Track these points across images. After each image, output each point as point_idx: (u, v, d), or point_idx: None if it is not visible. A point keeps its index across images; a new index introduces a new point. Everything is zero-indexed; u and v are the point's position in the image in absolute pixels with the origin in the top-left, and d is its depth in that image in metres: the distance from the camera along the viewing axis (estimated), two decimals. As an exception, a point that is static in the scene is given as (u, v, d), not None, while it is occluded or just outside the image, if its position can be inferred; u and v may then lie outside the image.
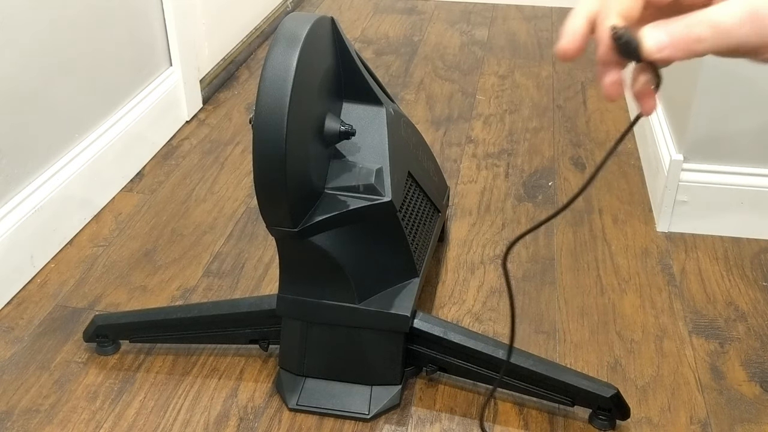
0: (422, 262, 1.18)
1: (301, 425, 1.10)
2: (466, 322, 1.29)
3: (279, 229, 1.00)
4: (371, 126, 1.07)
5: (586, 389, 1.07)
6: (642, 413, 1.12)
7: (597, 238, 1.49)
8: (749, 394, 1.15)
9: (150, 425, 1.10)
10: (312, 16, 0.96)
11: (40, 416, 1.12)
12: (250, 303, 1.17)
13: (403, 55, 2.32)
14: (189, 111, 1.92)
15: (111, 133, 1.61)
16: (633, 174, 1.69)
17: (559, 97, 2.05)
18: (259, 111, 0.92)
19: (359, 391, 1.13)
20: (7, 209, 1.33)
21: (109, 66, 1.60)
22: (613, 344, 1.24)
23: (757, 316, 1.30)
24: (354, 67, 1.06)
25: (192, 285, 1.37)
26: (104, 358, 1.22)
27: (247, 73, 2.20)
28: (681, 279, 1.38)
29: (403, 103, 2.02)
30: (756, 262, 1.43)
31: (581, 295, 1.35)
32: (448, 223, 1.52)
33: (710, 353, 1.23)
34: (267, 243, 1.48)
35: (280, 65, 0.92)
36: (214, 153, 1.79)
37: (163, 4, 1.78)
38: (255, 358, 1.22)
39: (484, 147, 1.81)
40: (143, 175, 1.70)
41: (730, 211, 1.48)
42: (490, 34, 2.48)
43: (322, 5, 2.71)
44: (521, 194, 1.63)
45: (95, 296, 1.35)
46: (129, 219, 1.56)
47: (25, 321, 1.29)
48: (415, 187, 1.20)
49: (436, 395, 1.15)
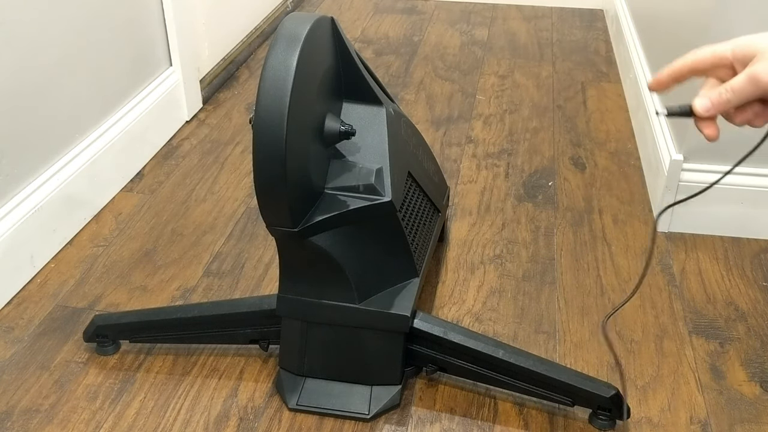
0: (422, 262, 1.18)
1: (301, 425, 1.11)
2: (466, 322, 1.29)
3: (279, 229, 1.00)
4: (371, 126, 1.07)
5: (587, 389, 1.07)
6: (642, 413, 1.12)
7: (597, 238, 1.49)
8: (749, 394, 1.15)
9: (150, 425, 1.10)
10: (312, 16, 0.96)
11: (40, 416, 1.12)
12: (250, 303, 1.17)
13: (403, 55, 2.32)
14: (189, 111, 1.92)
15: (111, 133, 1.61)
16: (633, 174, 1.69)
17: (559, 97, 2.05)
18: (259, 111, 0.92)
19: (359, 391, 1.13)
20: (7, 209, 1.33)
21: (109, 66, 1.60)
22: (613, 344, 1.24)
23: (757, 316, 1.30)
24: (354, 67, 1.06)
25: (192, 285, 1.37)
26: (104, 358, 1.22)
27: (247, 73, 2.20)
28: (681, 279, 1.38)
29: (403, 103, 2.02)
30: (756, 262, 1.43)
31: (581, 295, 1.35)
32: (448, 223, 1.52)
33: (710, 353, 1.23)
34: (267, 243, 1.48)
35: (280, 65, 0.92)
36: (214, 153, 1.79)
37: (163, 4, 1.78)
38: (255, 358, 1.22)
39: (484, 147, 1.81)
40: (143, 175, 1.70)
41: (730, 211, 1.48)
42: (490, 34, 2.48)
43: (322, 5, 2.71)
44: (521, 194, 1.63)
45: (95, 296, 1.35)
46: (129, 219, 1.56)
47: (25, 321, 1.29)
48: (415, 187, 1.20)
49: (436, 395, 1.15)
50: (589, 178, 1.68)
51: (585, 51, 2.35)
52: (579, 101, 2.03)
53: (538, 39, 2.44)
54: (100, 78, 1.58)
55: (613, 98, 2.04)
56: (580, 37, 2.46)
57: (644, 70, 1.85)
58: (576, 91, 2.08)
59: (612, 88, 2.09)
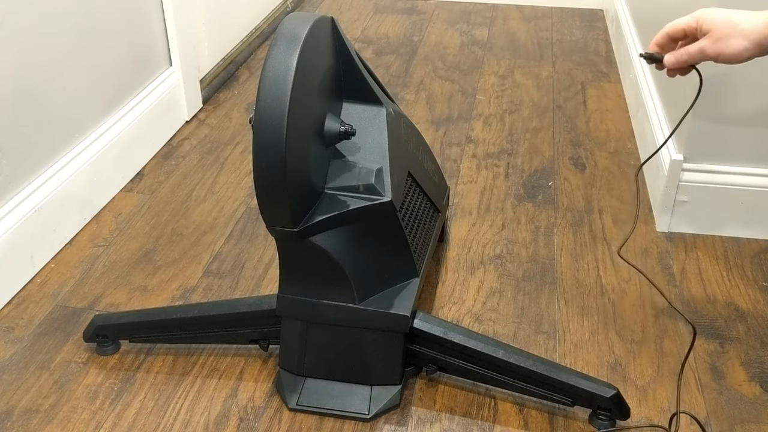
0: (422, 262, 1.18)
1: (301, 425, 1.11)
2: (466, 322, 1.29)
3: (279, 229, 1.00)
4: (371, 126, 1.07)
5: (587, 389, 1.07)
6: (642, 413, 1.12)
7: (597, 238, 1.49)
8: (749, 394, 1.15)
9: (150, 425, 1.10)
10: (312, 16, 0.96)
11: (40, 416, 1.12)
12: (250, 303, 1.17)
13: (403, 55, 2.32)
14: (189, 111, 1.92)
15: (111, 133, 1.61)
16: (633, 174, 1.69)
17: (559, 97, 2.05)
18: (259, 111, 0.92)
19: (359, 391, 1.13)
20: (7, 209, 1.33)
21: (109, 66, 1.60)
22: (613, 344, 1.24)
23: (757, 316, 1.30)
24: (354, 67, 1.06)
25: (192, 285, 1.37)
26: (104, 358, 1.22)
27: (247, 73, 2.20)
28: (681, 279, 1.38)
29: (403, 103, 2.02)
30: (756, 262, 1.43)
31: (581, 295, 1.35)
32: (448, 223, 1.52)
33: (710, 353, 1.23)
34: (267, 243, 1.48)
35: (280, 65, 0.92)
36: (214, 153, 1.79)
37: (163, 4, 1.78)
38: (255, 358, 1.22)
39: (484, 147, 1.81)
40: (143, 175, 1.70)
41: (730, 211, 1.48)
42: (490, 34, 2.48)
43: (322, 5, 2.71)
44: (521, 194, 1.63)
45: (95, 296, 1.35)
46: (129, 219, 1.56)
47: (25, 321, 1.29)
48: (415, 187, 1.20)
49: (436, 395, 1.15)
50: (589, 178, 1.68)
51: (585, 51, 2.35)
52: (579, 101, 2.03)
53: (538, 39, 2.44)
54: (100, 78, 1.58)
55: (613, 98, 2.04)
56: (580, 37, 2.46)
57: (644, 70, 1.85)
58: (576, 91, 2.08)
59: (612, 88, 2.09)
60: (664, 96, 1.64)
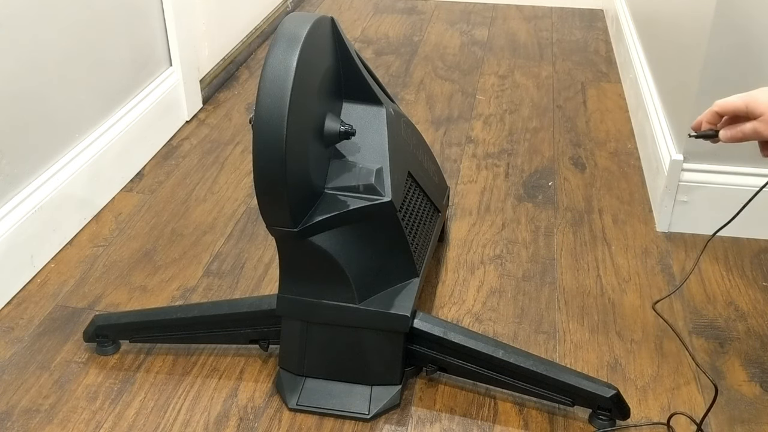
0: (422, 262, 1.18)
1: (301, 425, 1.11)
2: (466, 322, 1.29)
3: (279, 229, 1.00)
4: (371, 126, 1.07)
5: (587, 389, 1.07)
6: (642, 413, 1.12)
7: (597, 238, 1.49)
8: (749, 394, 1.15)
9: (150, 425, 1.10)
10: (312, 16, 0.96)
11: (40, 416, 1.12)
12: (250, 303, 1.17)
13: (403, 55, 2.32)
14: (189, 111, 1.92)
15: (111, 133, 1.61)
16: (633, 174, 1.69)
17: (559, 97, 2.05)
18: (259, 111, 0.92)
19: (359, 391, 1.13)
20: (7, 209, 1.33)
21: (109, 66, 1.60)
22: (613, 344, 1.24)
23: (757, 316, 1.30)
24: (354, 67, 1.06)
25: (192, 285, 1.37)
26: (104, 358, 1.22)
27: (247, 73, 2.20)
28: (681, 279, 1.38)
29: (403, 103, 2.02)
30: (756, 262, 1.43)
31: (581, 295, 1.35)
32: (448, 223, 1.52)
33: (710, 353, 1.23)
34: (267, 243, 1.48)
35: (280, 65, 0.92)
36: (214, 153, 1.79)
37: (163, 4, 1.78)
38: (255, 358, 1.22)
39: (484, 147, 1.81)
40: (143, 175, 1.71)
41: (730, 211, 1.48)
42: (490, 34, 2.48)
43: (322, 5, 2.71)
44: (521, 194, 1.63)
45: (95, 296, 1.35)
46: (129, 219, 1.56)
47: (25, 321, 1.29)
48: (415, 187, 1.20)
49: (436, 395, 1.16)
50: (589, 178, 1.68)
51: (585, 51, 2.35)
52: (579, 101, 2.03)
53: (538, 39, 2.44)
54: (100, 78, 1.58)
55: (613, 98, 2.04)
56: (580, 37, 2.46)
57: (644, 70, 1.85)
58: (576, 91, 2.09)
59: (612, 88, 2.09)
60: (664, 96, 1.64)
